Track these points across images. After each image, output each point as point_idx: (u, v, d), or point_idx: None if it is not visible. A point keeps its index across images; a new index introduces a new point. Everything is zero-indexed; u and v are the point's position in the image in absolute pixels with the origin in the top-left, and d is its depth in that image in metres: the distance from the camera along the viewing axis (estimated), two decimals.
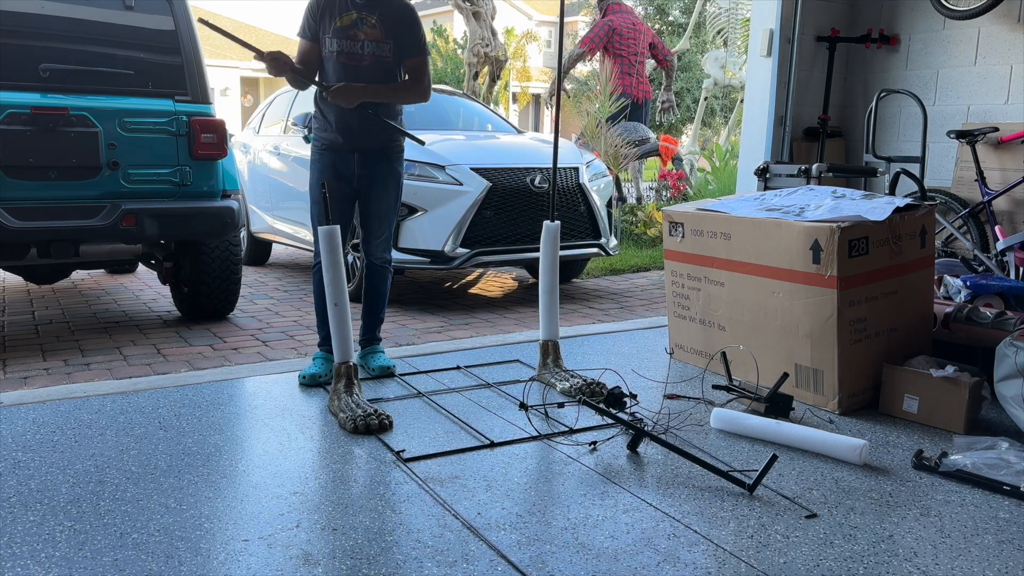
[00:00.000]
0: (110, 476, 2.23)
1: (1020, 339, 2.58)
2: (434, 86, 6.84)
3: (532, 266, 5.67)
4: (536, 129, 29.00)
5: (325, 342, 3.17)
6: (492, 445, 2.48)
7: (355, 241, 4.90)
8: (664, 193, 8.62)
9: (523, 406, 2.73)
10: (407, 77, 3.14)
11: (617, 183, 7.26)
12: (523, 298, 5.36)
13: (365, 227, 3.25)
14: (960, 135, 4.40)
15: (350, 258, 4.97)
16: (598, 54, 8.40)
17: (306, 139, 5.10)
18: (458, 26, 22.98)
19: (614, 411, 2.64)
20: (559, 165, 4.32)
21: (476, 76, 11.23)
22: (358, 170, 3.10)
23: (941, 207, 4.52)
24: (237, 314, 4.75)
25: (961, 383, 2.63)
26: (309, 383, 3.07)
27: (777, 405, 2.71)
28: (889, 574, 1.77)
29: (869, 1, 5.16)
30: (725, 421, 2.63)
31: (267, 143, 6.08)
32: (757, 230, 2.99)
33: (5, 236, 3.67)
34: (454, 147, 5.04)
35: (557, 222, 3.13)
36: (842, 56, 5.27)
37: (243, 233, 6.35)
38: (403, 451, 2.41)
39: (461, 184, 4.70)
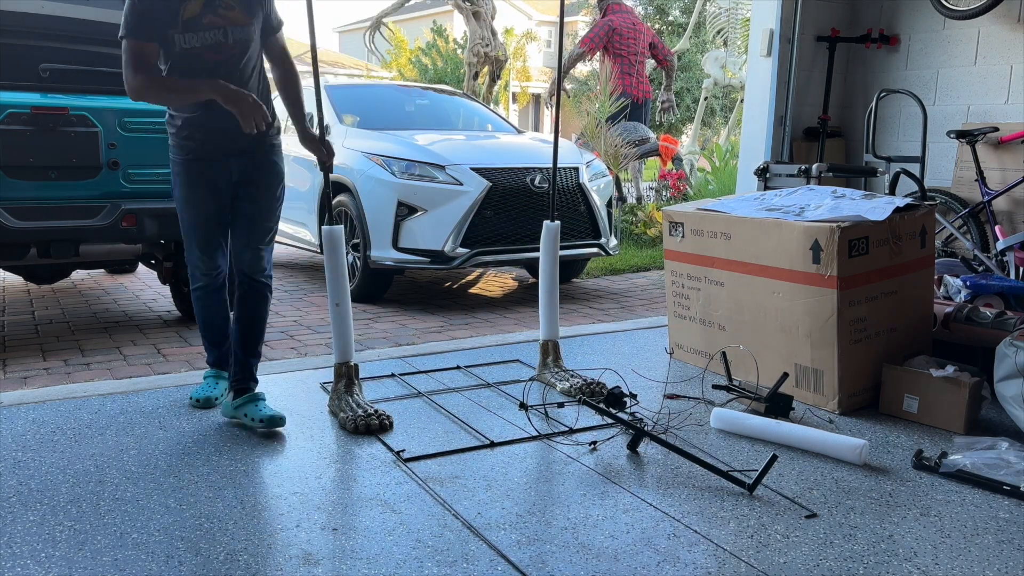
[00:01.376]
0: (110, 476, 2.23)
1: (1020, 339, 2.58)
2: (434, 86, 6.89)
3: (532, 266, 5.67)
4: (536, 129, 29.01)
5: (216, 363, 2.91)
6: (492, 445, 2.48)
7: (355, 241, 4.90)
8: (664, 193, 8.62)
9: (523, 406, 2.73)
10: (276, 56, 2.71)
11: (617, 183, 7.26)
12: (523, 298, 5.35)
13: (238, 232, 2.69)
14: (960, 135, 4.40)
15: (350, 258, 4.97)
16: (598, 54, 8.41)
17: None
18: (458, 26, 22.98)
19: (614, 411, 2.64)
20: (559, 165, 4.32)
21: (476, 76, 11.23)
22: (236, 176, 2.63)
23: (941, 207, 4.53)
24: None
25: (961, 383, 2.63)
26: (203, 406, 2.79)
27: (777, 405, 2.71)
28: (889, 574, 1.77)
29: (869, 1, 5.16)
30: (725, 421, 2.63)
31: None
32: (757, 230, 2.99)
33: (5, 236, 3.67)
34: (454, 147, 5.04)
35: (557, 222, 3.13)
36: (842, 56, 5.28)
37: None
38: (403, 451, 2.41)
39: (461, 184, 4.70)
